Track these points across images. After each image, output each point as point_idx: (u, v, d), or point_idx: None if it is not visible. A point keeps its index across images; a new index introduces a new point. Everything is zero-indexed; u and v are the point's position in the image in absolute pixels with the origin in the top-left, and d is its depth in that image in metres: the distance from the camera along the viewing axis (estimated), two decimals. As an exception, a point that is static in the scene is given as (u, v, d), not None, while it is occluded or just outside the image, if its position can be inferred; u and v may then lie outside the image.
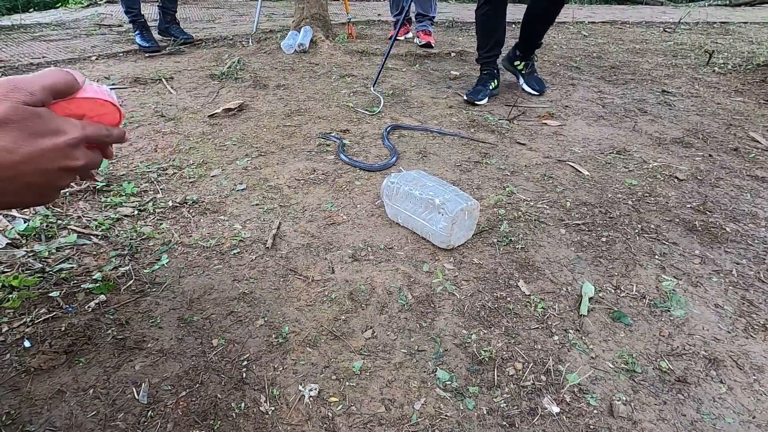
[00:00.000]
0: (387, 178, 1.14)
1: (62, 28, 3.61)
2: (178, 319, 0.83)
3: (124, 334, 0.79)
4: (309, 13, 2.90)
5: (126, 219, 1.11)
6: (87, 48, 2.84)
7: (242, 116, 1.80)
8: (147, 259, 0.98)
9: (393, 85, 2.22)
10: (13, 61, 2.47)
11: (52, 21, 4.03)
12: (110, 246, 1.01)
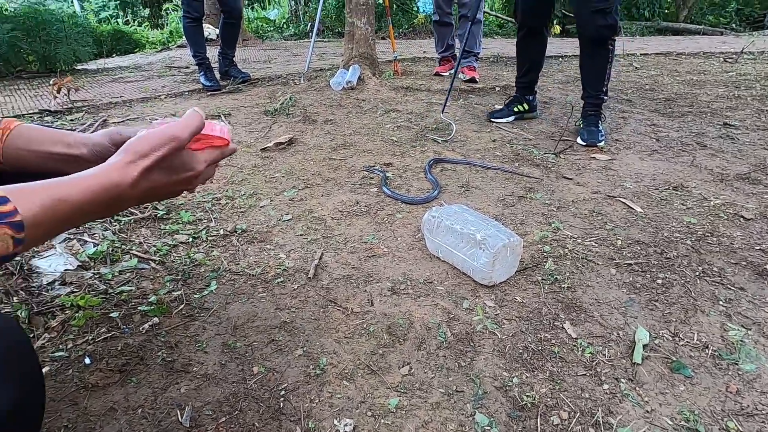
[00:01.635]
0: (428, 212, 1.15)
1: (138, 70, 4.02)
2: (222, 345, 0.86)
3: (172, 357, 0.83)
4: (357, 53, 3.06)
5: (181, 246, 1.19)
6: (158, 88, 3.14)
7: (291, 150, 1.89)
8: (198, 285, 1.03)
9: (437, 120, 2.26)
10: (96, 100, 2.77)
11: (130, 64, 4.51)
12: (166, 271, 1.08)
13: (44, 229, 0.38)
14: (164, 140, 0.46)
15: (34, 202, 0.37)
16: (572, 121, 2.09)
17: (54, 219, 0.38)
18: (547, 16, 2.12)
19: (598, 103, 2.02)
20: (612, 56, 1.95)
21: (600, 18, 1.82)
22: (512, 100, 2.31)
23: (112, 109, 2.55)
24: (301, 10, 9.13)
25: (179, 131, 0.47)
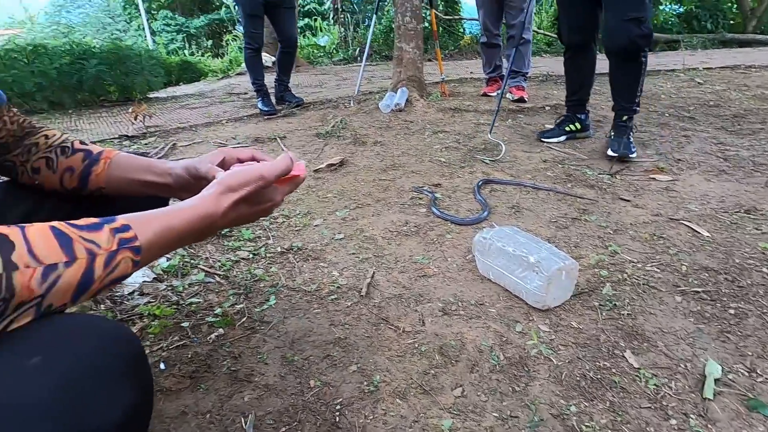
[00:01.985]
0: (479, 234, 1.15)
1: (202, 97, 4.35)
2: (281, 357, 0.91)
3: (236, 366, 0.88)
4: (405, 76, 3.14)
5: (243, 261, 1.27)
6: (220, 113, 3.38)
7: (343, 171, 1.97)
8: (258, 299, 1.10)
9: (485, 140, 2.26)
10: (166, 125, 3.03)
11: (195, 92, 4.89)
12: (229, 285, 1.15)
13: (154, 252, 0.44)
14: (253, 178, 0.52)
15: (149, 230, 0.43)
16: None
17: (162, 245, 0.44)
18: (593, 32, 2.06)
19: (630, 115, 1.95)
20: (645, 67, 1.88)
21: (634, 27, 1.76)
22: (563, 119, 2.27)
23: (180, 134, 2.78)
24: (349, 36, 9.51)
25: (267, 172, 0.53)
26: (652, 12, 1.81)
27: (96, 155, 0.66)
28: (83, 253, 0.37)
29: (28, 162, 0.64)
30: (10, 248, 0.34)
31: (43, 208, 0.66)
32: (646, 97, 3.10)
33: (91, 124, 3.26)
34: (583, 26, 2.02)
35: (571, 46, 2.09)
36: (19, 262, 0.33)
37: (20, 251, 0.34)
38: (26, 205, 0.65)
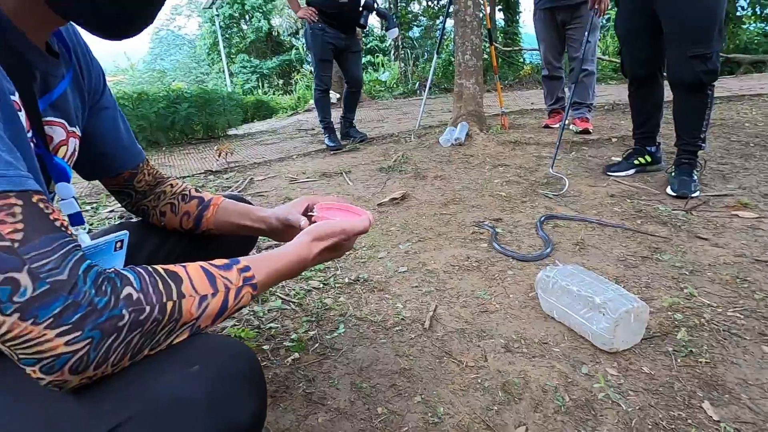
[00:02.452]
0: (542, 271, 1.17)
1: (274, 134, 4.73)
2: (350, 384, 0.97)
3: (311, 389, 0.96)
4: (465, 111, 3.22)
5: (315, 291, 1.37)
6: (290, 149, 3.67)
7: (405, 204, 2.06)
8: (328, 327, 1.18)
9: (547, 174, 2.25)
10: (244, 161, 3.34)
11: (267, 128, 5.33)
12: (303, 312, 1.26)
13: (264, 288, 0.54)
14: (337, 232, 0.63)
15: (263, 271, 0.53)
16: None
17: (270, 282, 0.55)
18: (659, 63, 1.99)
19: (693, 150, 1.85)
20: (711, 102, 1.79)
21: (699, 64, 1.70)
22: (632, 152, 2.21)
23: (256, 168, 3.05)
24: (409, 71, 9.87)
25: (350, 229, 0.64)
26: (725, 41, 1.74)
27: (207, 202, 0.80)
28: (222, 287, 0.48)
29: (157, 206, 0.79)
30: (180, 282, 0.45)
31: (166, 243, 0.81)
32: (728, 125, 2.91)
33: (181, 160, 3.68)
34: (647, 59, 1.98)
35: (636, 79, 2.05)
36: (185, 293, 0.45)
37: (186, 284, 0.45)
38: (155, 241, 0.80)
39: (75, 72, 0.62)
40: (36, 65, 0.52)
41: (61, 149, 0.58)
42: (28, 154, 0.47)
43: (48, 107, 0.55)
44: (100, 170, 0.74)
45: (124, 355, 0.40)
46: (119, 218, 2.15)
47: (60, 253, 0.37)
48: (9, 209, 0.36)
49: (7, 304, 0.35)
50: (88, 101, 0.66)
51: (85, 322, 0.37)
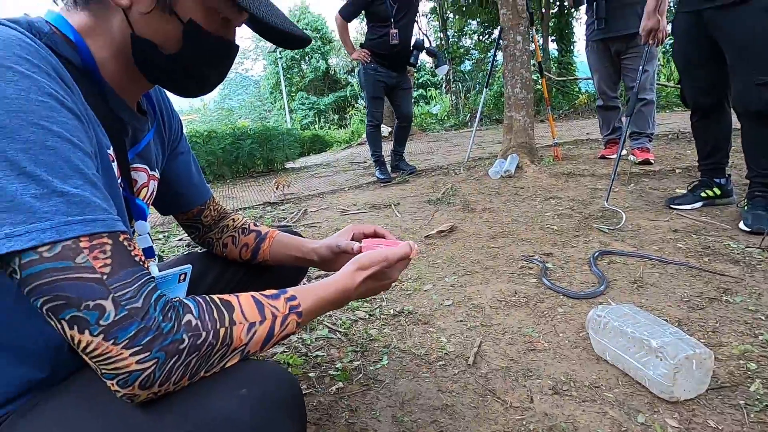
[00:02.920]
0: (594, 310, 1.12)
1: (328, 167, 4.95)
2: (392, 417, 0.98)
3: (353, 420, 0.98)
4: (516, 143, 3.20)
5: (360, 321, 1.41)
6: (342, 181, 3.82)
7: (452, 237, 2.06)
8: (373, 357, 1.20)
9: (602, 207, 2.17)
10: (299, 193, 3.53)
11: (322, 162, 5.59)
12: (348, 342, 1.29)
13: (310, 316, 0.58)
14: (379, 260, 0.66)
15: (308, 300, 0.57)
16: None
17: (315, 310, 0.59)
18: (724, 90, 1.87)
19: (767, 182, 1.68)
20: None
21: (766, 92, 1.59)
22: (698, 184, 2.07)
23: (310, 200, 3.21)
24: (460, 103, 9.98)
25: (391, 256, 0.67)
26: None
27: (264, 235, 0.88)
28: (270, 315, 0.53)
29: (220, 239, 0.88)
30: (232, 310, 0.50)
31: (227, 272, 0.90)
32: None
33: (242, 192, 3.95)
34: (710, 87, 1.88)
35: (699, 109, 1.95)
36: (236, 320, 0.50)
37: (237, 312, 0.50)
38: (217, 270, 0.89)
39: (158, 125, 0.73)
40: (129, 123, 0.62)
41: (143, 191, 0.68)
42: (117, 198, 0.56)
43: (135, 156, 0.65)
44: (174, 206, 0.84)
45: (184, 376, 0.46)
46: (186, 246, 2.34)
47: (137, 284, 0.44)
48: (101, 247, 0.43)
49: (95, 327, 0.41)
50: (167, 148, 0.77)
51: (153, 345, 0.43)
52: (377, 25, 3.27)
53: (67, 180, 0.42)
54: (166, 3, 0.53)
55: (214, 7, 0.56)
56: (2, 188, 0.39)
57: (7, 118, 0.40)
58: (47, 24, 0.52)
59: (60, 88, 0.45)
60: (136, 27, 0.54)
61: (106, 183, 0.53)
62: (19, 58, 0.43)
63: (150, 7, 0.53)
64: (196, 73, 0.60)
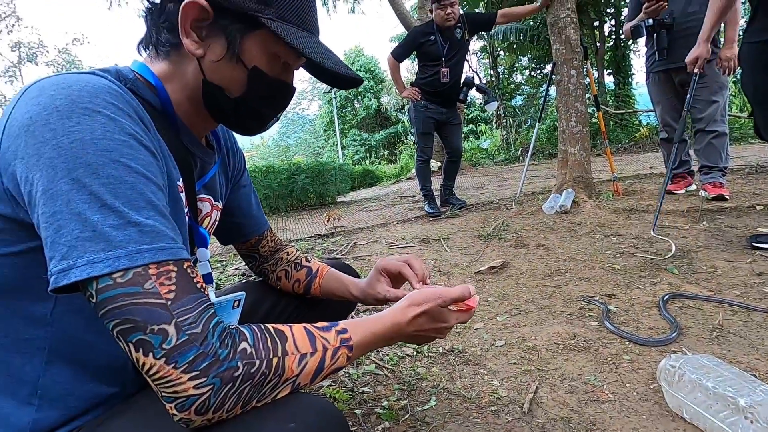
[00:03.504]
0: (666, 360, 1.02)
1: (378, 200, 5.03)
2: (440, 464, 0.93)
3: (399, 463, 0.94)
4: (571, 177, 3.09)
5: (408, 358, 1.37)
6: (392, 215, 3.85)
7: (504, 274, 1.99)
8: (420, 398, 1.16)
9: (671, 246, 2.00)
10: (349, 226, 3.59)
11: (371, 196, 5.69)
12: (395, 379, 1.26)
13: (361, 350, 0.58)
14: (433, 297, 0.64)
15: (359, 333, 0.57)
16: None
17: (366, 344, 0.58)
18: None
19: None
20: None
21: None
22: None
23: (359, 233, 3.25)
24: (511, 138, 9.88)
25: (445, 294, 0.65)
26: None
27: (314, 273, 0.90)
28: (321, 347, 0.53)
29: (275, 271, 0.91)
30: (285, 340, 0.51)
31: (280, 303, 0.92)
32: None
33: (295, 224, 4.10)
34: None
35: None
36: (288, 350, 0.50)
37: (289, 343, 0.51)
38: (271, 300, 0.92)
39: (223, 159, 0.79)
40: (198, 156, 0.68)
41: (206, 220, 0.73)
42: (183, 226, 0.61)
43: (202, 187, 0.70)
44: (234, 236, 0.89)
45: (237, 404, 0.47)
46: (242, 276, 2.44)
47: (198, 310, 0.46)
48: (167, 274, 0.46)
49: (158, 350, 0.43)
50: (231, 181, 0.83)
51: (210, 370, 0.44)
52: (428, 64, 3.37)
53: (141, 211, 0.46)
54: (234, 52, 0.58)
55: (275, 53, 0.61)
56: (87, 218, 0.44)
57: (95, 157, 0.45)
58: (132, 72, 0.60)
59: (139, 128, 0.50)
60: (207, 73, 0.60)
61: (174, 212, 0.57)
62: (107, 103, 0.48)
63: (220, 56, 0.58)
64: (256, 113, 0.65)
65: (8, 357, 0.52)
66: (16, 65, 15.77)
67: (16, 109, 0.47)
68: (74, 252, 0.43)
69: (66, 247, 0.43)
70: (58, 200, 0.44)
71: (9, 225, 0.49)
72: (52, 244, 0.44)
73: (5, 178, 0.47)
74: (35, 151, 0.45)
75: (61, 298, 0.52)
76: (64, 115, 0.45)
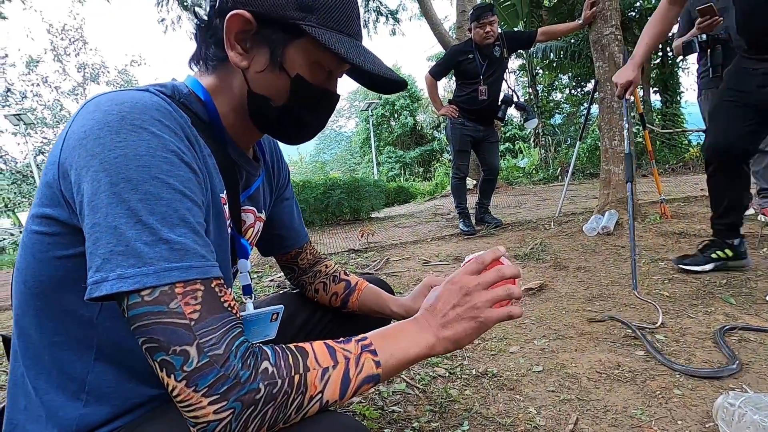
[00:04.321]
0: (723, 397, 0.94)
1: (412, 217, 5.02)
2: (472, 493, 0.88)
3: (429, 489, 0.90)
4: (614, 198, 2.96)
5: (440, 378, 1.33)
6: (426, 232, 3.82)
7: (542, 296, 1.91)
8: (452, 421, 1.12)
9: (727, 272, 1.87)
10: (383, 241, 3.59)
11: (405, 212, 5.69)
12: (426, 400, 1.22)
13: (386, 355, 0.54)
14: (447, 278, 0.61)
15: (379, 336, 0.56)
16: None
17: (391, 348, 0.55)
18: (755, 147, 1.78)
19: None
20: None
21: None
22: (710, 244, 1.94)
23: (392, 249, 3.24)
24: (550, 157, 9.65)
25: (467, 266, 0.60)
26: None
27: (352, 287, 0.90)
28: (342, 358, 0.52)
29: (313, 283, 0.92)
30: (306, 356, 0.50)
31: (315, 315, 0.93)
32: None
33: (329, 238, 4.15)
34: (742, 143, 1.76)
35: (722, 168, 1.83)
36: (310, 366, 0.49)
37: (310, 358, 0.50)
38: (307, 312, 0.93)
39: (268, 171, 0.81)
40: (243, 168, 0.70)
41: (249, 231, 0.74)
42: (224, 239, 0.62)
43: (246, 198, 0.72)
44: (275, 248, 0.90)
45: (261, 427, 0.46)
46: (276, 287, 2.48)
47: (222, 330, 0.46)
48: (193, 293, 0.46)
49: (179, 372, 0.43)
50: (275, 193, 0.85)
51: (230, 394, 0.43)
52: (466, 82, 3.37)
53: (174, 229, 0.47)
54: (277, 61, 0.59)
55: (318, 61, 0.61)
56: (123, 233, 0.45)
57: (136, 172, 0.46)
58: (186, 87, 0.63)
59: (183, 145, 0.52)
60: (252, 84, 0.61)
61: (216, 225, 0.59)
62: (154, 120, 0.50)
63: (263, 67, 0.60)
64: (300, 121, 0.66)
65: (61, 354, 0.54)
66: (81, 85, 17.16)
67: (75, 122, 0.51)
68: (108, 265, 0.44)
69: (101, 260, 0.45)
70: (98, 213, 0.45)
71: (64, 229, 0.52)
72: (90, 255, 0.45)
73: (63, 185, 0.50)
74: (85, 163, 0.47)
75: (106, 304, 0.54)
76: (113, 131, 0.48)
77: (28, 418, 0.55)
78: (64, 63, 16.67)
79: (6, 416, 0.56)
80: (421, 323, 0.59)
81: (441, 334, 0.57)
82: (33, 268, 0.53)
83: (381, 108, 19.48)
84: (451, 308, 0.57)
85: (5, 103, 15.39)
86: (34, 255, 0.53)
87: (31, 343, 0.55)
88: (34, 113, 15.17)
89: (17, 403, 0.56)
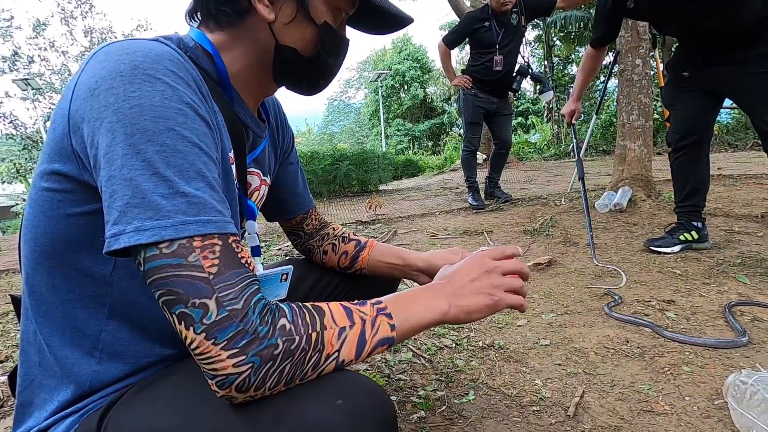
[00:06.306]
0: (734, 375, 0.92)
1: (420, 190, 4.98)
2: (477, 459, 0.89)
3: (434, 454, 0.91)
4: (629, 174, 2.90)
5: (446, 349, 1.34)
6: (434, 205, 3.80)
7: (551, 271, 1.90)
8: (458, 390, 1.13)
9: (742, 252, 1.83)
10: (390, 214, 3.58)
11: (414, 186, 5.64)
12: (433, 369, 1.23)
13: (401, 318, 0.53)
14: None
15: (393, 300, 0.55)
16: None
17: (405, 312, 0.54)
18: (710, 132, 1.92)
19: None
20: None
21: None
22: (676, 226, 2.01)
23: (400, 222, 3.23)
24: (563, 132, 9.44)
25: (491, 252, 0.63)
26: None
27: (364, 244, 0.89)
28: (358, 319, 0.51)
29: (321, 246, 0.90)
30: (323, 315, 0.50)
31: (323, 279, 0.92)
32: None
33: (336, 209, 4.14)
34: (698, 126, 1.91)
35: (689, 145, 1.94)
36: (327, 325, 0.49)
37: (327, 317, 0.50)
38: (314, 277, 0.92)
39: (273, 134, 0.78)
40: (250, 128, 0.67)
41: (255, 194, 0.73)
42: (232, 198, 0.60)
43: (252, 161, 0.70)
44: (279, 213, 0.89)
45: (279, 382, 0.46)
46: (284, 256, 2.50)
47: (240, 285, 0.45)
48: (212, 248, 0.45)
49: (198, 325, 0.43)
50: (279, 157, 0.82)
51: (249, 348, 0.43)
52: (481, 51, 3.26)
53: (191, 182, 0.45)
54: (305, 10, 0.59)
55: (338, 6, 0.62)
56: (139, 185, 0.43)
57: (151, 123, 0.45)
58: (192, 40, 0.60)
59: (197, 97, 0.50)
60: (279, 37, 0.60)
61: (225, 184, 0.57)
62: (168, 70, 0.48)
63: (291, 17, 0.59)
64: (327, 69, 0.66)
65: (75, 311, 0.54)
66: (88, 50, 16.98)
67: (84, 72, 0.48)
68: (124, 218, 0.43)
69: (117, 213, 0.43)
70: (113, 165, 0.44)
71: (75, 185, 0.50)
72: (107, 208, 0.44)
73: (74, 139, 0.48)
74: (98, 114, 0.45)
75: (119, 261, 0.53)
76: (126, 81, 0.45)
77: (44, 374, 0.55)
78: (71, 26, 16.41)
79: (21, 372, 0.57)
80: (436, 290, 0.58)
81: (455, 302, 0.57)
82: (43, 225, 0.52)
83: (391, 79, 19.06)
84: (470, 281, 0.59)
85: (13, 67, 15.29)
86: (45, 212, 0.52)
87: (43, 301, 0.54)
88: (42, 78, 15.07)
89: (31, 360, 0.56)
